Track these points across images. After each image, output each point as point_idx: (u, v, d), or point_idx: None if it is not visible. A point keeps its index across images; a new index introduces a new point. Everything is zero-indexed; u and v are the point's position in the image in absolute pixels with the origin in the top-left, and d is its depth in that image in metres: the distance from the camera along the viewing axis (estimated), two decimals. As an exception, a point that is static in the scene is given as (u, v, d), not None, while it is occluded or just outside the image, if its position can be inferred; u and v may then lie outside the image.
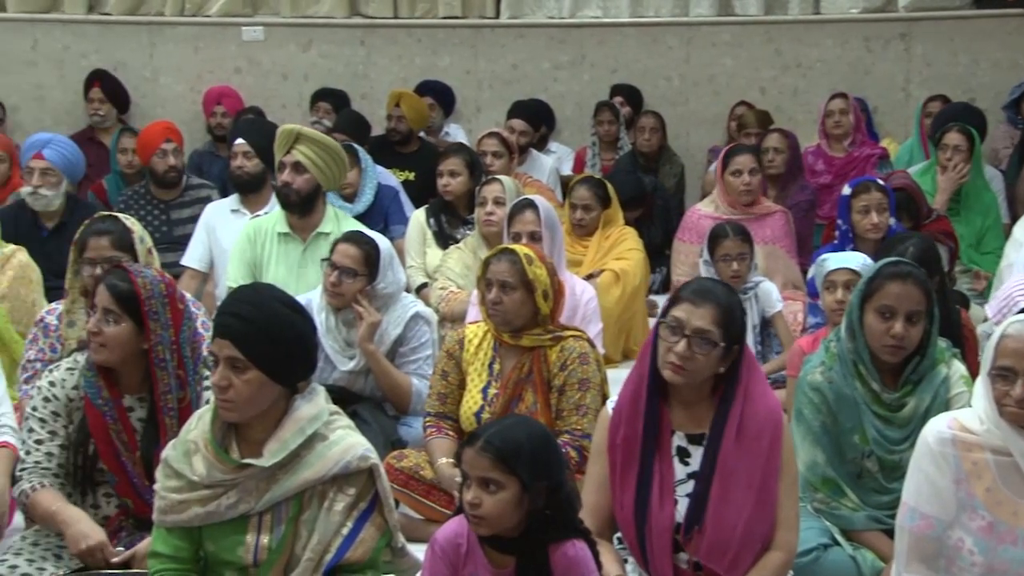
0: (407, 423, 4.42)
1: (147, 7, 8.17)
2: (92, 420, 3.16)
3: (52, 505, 3.13)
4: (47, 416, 3.21)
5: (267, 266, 5.14)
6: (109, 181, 6.93)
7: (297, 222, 5.15)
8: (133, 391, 3.22)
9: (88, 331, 3.16)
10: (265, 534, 2.73)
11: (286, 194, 5.11)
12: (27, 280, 4.76)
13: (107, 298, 3.14)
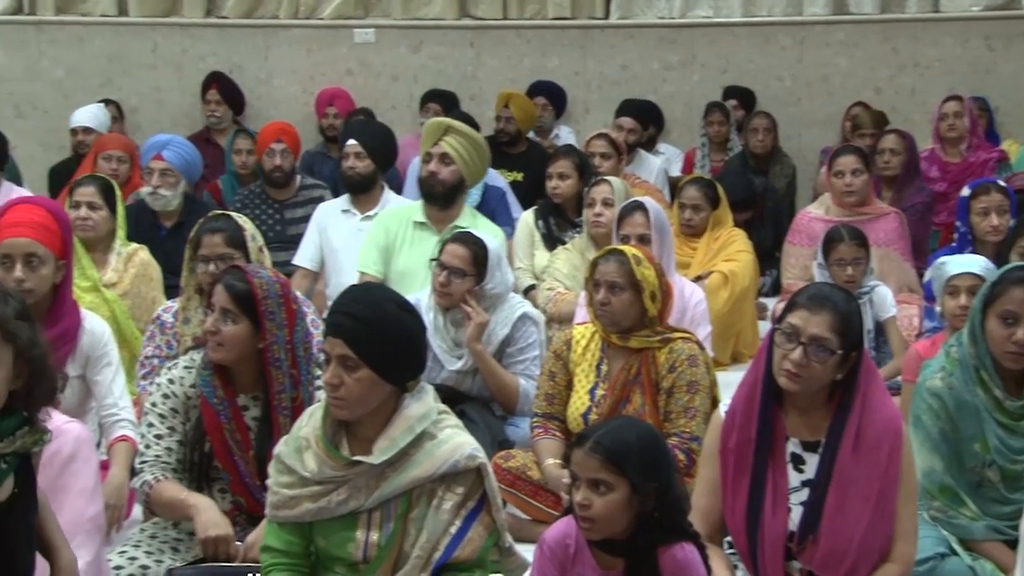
0: (514, 423, 4.43)
1: (262, 10, 8.32)
2: (207, 419, 3.22)
3: (180, 493, 3.19)
4: (166, 412, 3.27)
5: (399, 252, 5.22)
6: (224, 181, 7.07)
7: (436, 214, 5.24)
8: (247, 390, 3.26)
9: (206, 330, 3.21)
10: (374, 531, 2.75)
11: (431, 184, 5.19)
12: (148, 278, 4.87)
13: (225, 298, 3.19)
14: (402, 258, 5.20)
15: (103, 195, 4.88)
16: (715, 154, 7.77)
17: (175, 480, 3.23)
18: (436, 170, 5.20)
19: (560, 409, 3.96)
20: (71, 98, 7.80)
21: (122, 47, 8.12)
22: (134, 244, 4.99)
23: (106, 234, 4.88)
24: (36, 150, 7.88)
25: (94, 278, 4.73)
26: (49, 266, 3.76)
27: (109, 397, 3.85)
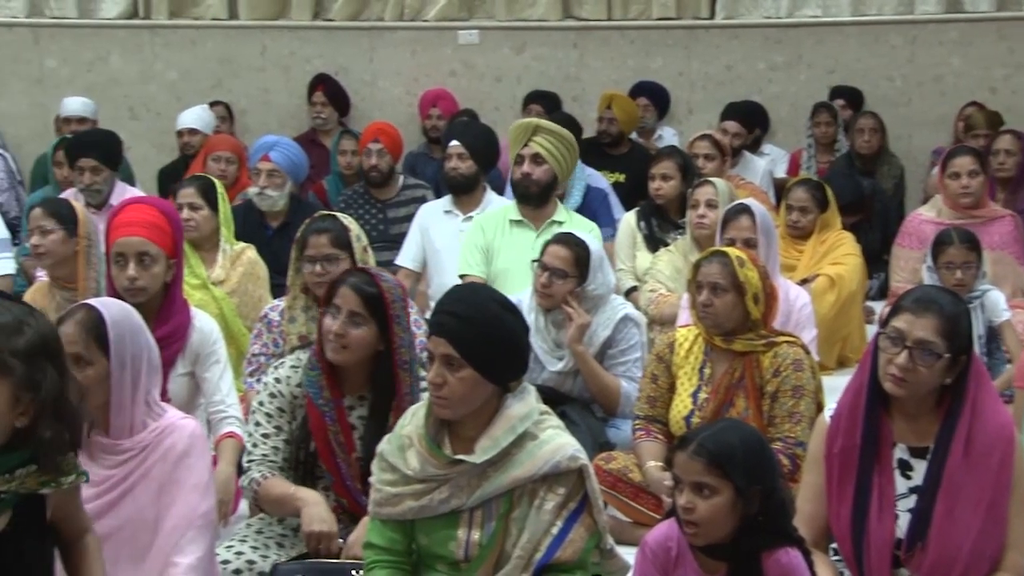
0: (615, 425, 4.41)
1: (368, 13, 8.40)
2: (313, 419, 3.24)
3: (288, 487, 3.22)
4: (273, 411, 3.31)
5: (498, 252, 5.25)
6: (329, 182, 7.16)
7: (531, 213, 5.27)
8: (355, 391, 3.28)
9: (332, 332, 3.16)
10: (476, 530, 2.75)
11: (526, 186, 5.22)
12: (255, 276, 4.95)
13: (354, 300, 3.17)
14: (501, 258, 5.23)
15: (203, 195, 4.96)
16: (822, 155, 7.65)
17: (282, 477, 3.27)
18: (529, 171, 5.24)
19: (662, 412, 3.94)
20: (183, 100, 7.96)
21: (232, 50, 8.26)
22: (241, 243, 5.07)
23: (210, 232, 4.97)
24: (149, 151, 8.06)
25: (202, 276, 4.83)
26: (160, 265, 3.83)
27: (217, 394, 3.91)
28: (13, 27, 8.07)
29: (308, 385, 3.26)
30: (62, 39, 8.12)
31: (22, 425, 2.16)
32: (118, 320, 2.90)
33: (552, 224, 5.26)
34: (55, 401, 2.15)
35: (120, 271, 3.81)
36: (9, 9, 8.11)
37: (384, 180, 6.40)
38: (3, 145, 7.65)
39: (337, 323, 3.17)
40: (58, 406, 2.16)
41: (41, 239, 4.34)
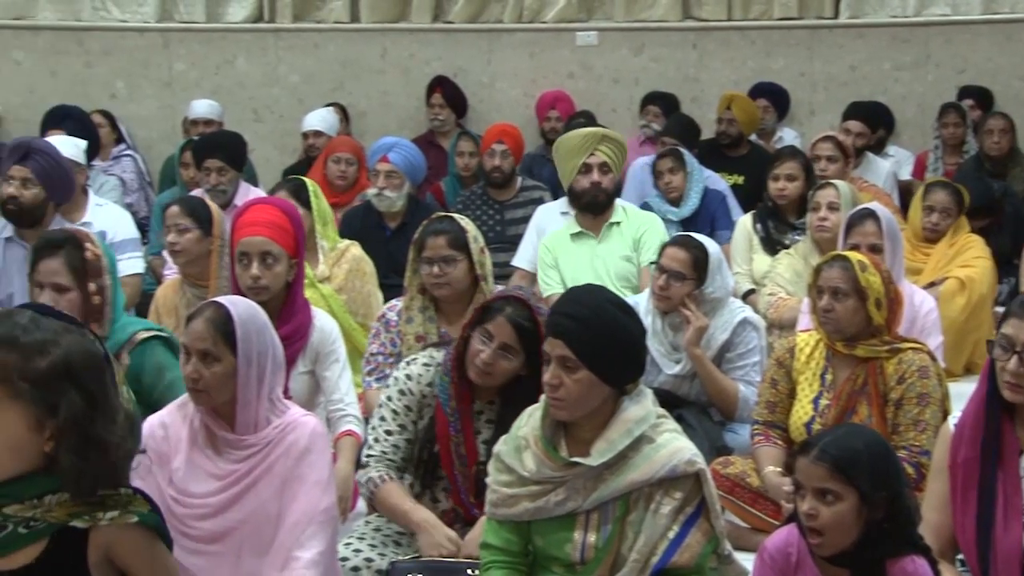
0: (733, 429, 4.35)
1: (487, 15, 8.44)
2: (439, 426, 3.27)
3: (403, 504, 3.23)
4: (400, 408, 3.34)
5: (565, 269, 5.27)
6: (447, 183, 7.21)
7: (590, 222, 5.30)
8: (486, 397, 3.30)
9: (481, 360, 3.17)
10: (592, 532, 2.75)
11: (595, 195, 5.23)
12: (361, 272, 5.00)
13: (510, 333, 3.16)
14: (568, 273, 5.23)
15: (295, 196, 5.01)
16: (949, 157, 7.45)
17: (399, 483, 3.29)
18: (599, 180, 5.27)
19: (782, 417, 3.88)
20: (305, 102, 8.09)
21: (353, 53, 8.37)
22: (346, 241, 5.12)
23: (307, 232, 5.03)
24: (272, 153, 8.21)
25: (309, 275, 4.90)
26: (283, 264, 3.90)
27: (336, 393, 3.96)
28: (144, 32, 8.29)
29: (440, 390, 3.28)
30: (190, 43, 8.32)
31: (49, 450, 2.00)
32: (245, 318, 2.96)
33: (611, 226, 5.30)
34: (78, 427, 1.96)
35: (244, 270, 3.88)
36: (140, 14, 8.33)
37: (505, 181, 6.45)
38: (133, 147, 7.86)
39: (488, 352, 3.17)
40: (82, 432, 1.96)
41: (178, 237, 4.44)
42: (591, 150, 5.27)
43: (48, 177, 4.84)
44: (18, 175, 4.80)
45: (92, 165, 6.35)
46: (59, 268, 3.49)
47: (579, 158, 5.29)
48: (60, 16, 8.24)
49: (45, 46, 8.18)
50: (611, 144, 5.38)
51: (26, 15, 8.24)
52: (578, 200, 5.37)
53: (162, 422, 3.04)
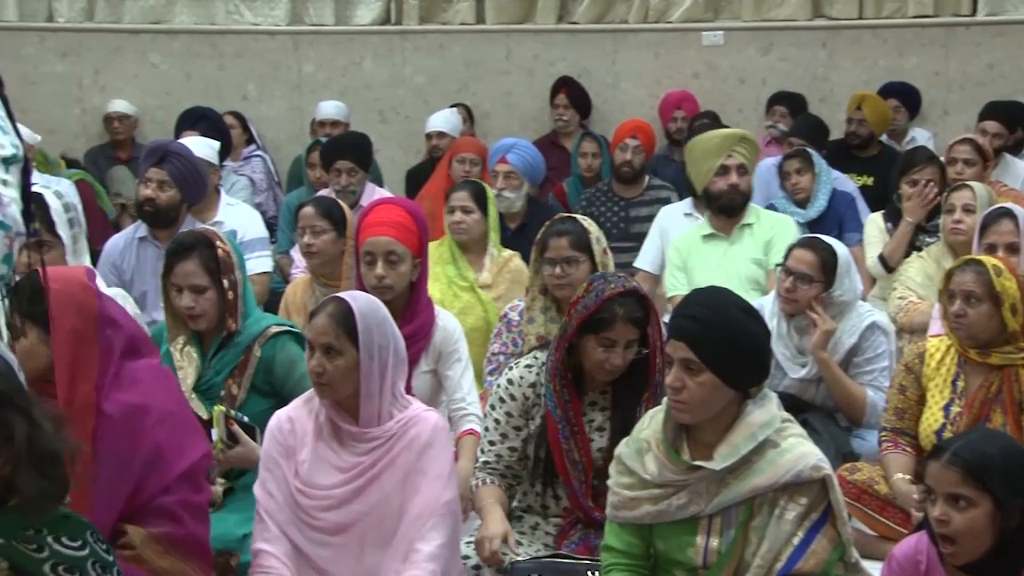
0: (860, 435, 4.26)
1: (612, 15, 8.41)
2: (550, 432, 3.27)
3: (481, 503, 3.29)
4: (501, 417, 3.36)
5: (695, 270, 5.20)
6: (569, 184, 7.20)
7: (723, 223, 5.22)
8: (597, 388, 3.31)
9: (610, 363, 3.19)
10: (715, 537, 2.72)
11: (731, 197, 5.15)
12: (520, 284, 5.00)
13: (632, 331, 3.19)
14: (698, 274, 5.14)
15: (475, 199, 5.06)
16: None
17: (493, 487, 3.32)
18: (737, 182, 5.17)
19: (911, 424, 3.79)
20: (430, 103, 8.16)
21: (478, 54, 8.41)
22: (507, 251, 5.15)
23: (479, 236, 5.07)
24: (396, 153, 8.30)
25: (471, 279, 4.94)
26: (407, 264, 3.94)
27: (458, 392, 3.99)
28: (275, 35, 8.46)
29: (547, 396, 3.27)
30: (319, 45, 8.46)
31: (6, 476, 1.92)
32: (366, 312, 3.01)
33: (743, 228, 5.21)
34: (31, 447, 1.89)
35: (368, 269, 3.93)
36: (272, 18, 8.51)
37: (635, 177, 6.46)
38: (263, 147, 8.02)
39: (617, 356, 3.19)
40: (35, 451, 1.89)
41: (313, 239, 4.53)
42: (729, 151, 5.21)
43: (183, 179, 4.97)
44: (155, 177, 4.94)
45: (224, 165, 6.49)
46: (195, 269, 3.61)
47: (716, 159, 5.23)
48: (195, 20, 8.46)
49: (181, 49, 8.40)
50: (748, 145, 5.30)
51: (163, 19, 8.47)
52: (714, 202, 5.30)
53: (289, 416, 3.11)
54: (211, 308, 3.63)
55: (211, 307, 3.63)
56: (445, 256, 5.01)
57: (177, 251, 3.68)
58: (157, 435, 2.92)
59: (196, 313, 3.62)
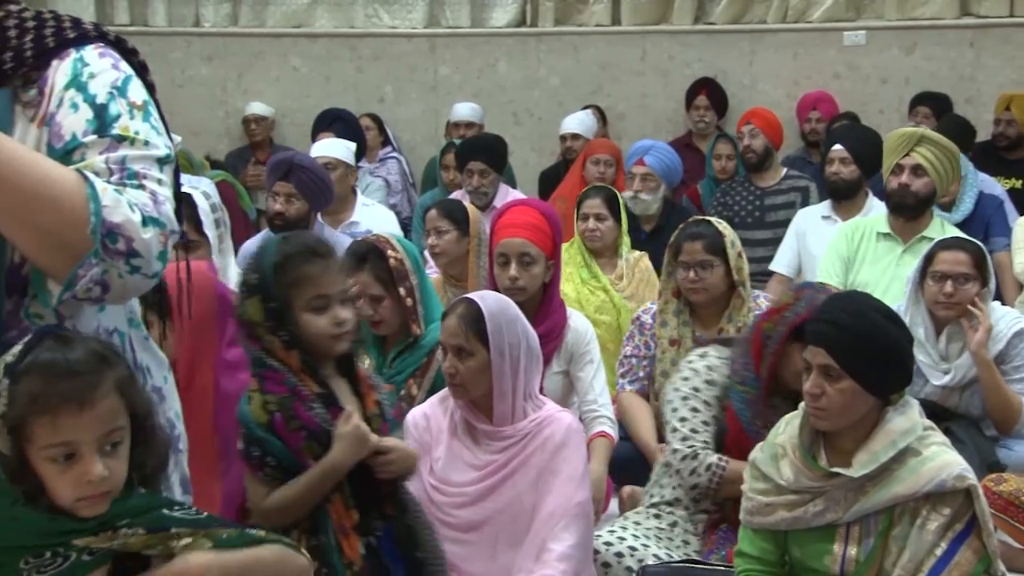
0: (1007, 445, 4.11)
1: (750, 15, 8.31)
2: (731, 434, 3.27)
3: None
4: (711, 399, 3.35)
5: (860, 264, 5.04)
6: (703, 186, 7.12)
7: (902, 226, 5.02)
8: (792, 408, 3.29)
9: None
10: (853, 546, 2.66)
11: (902, 196, 4.98)
12: (651, 284, 4.98)
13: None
14: (863, 271, 4.98)
15: (607, 205, 5.06)
16: None
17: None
18: (908, 182, 4.95)
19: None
20: (564, 105, 8.16)
21: (613, 55, 8.39)
22: (636, 252, 5.14)
23: (612, 241, 5.07)
24: (530, 155, 8.32)
25: (604, 281, 4.94)
26: (540, 265, 3.94)
27: (590, 393, 3.97)
28: (412, 37, 8.56)
29: (735, 400, 3.27)
30: (455, 47, 8.53)
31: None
32: (495, 312, 3.02)
33: (922, 240, 4.95)
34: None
35: (502, 271, 3.94)
36: (409, 21, 8.61)
37: (760, 163, 6.36)
38: (398, 149, 8.13)
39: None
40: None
41: (437, 239, 4.59)
42: (906, 150, 5.06)
43: (310, 190, 5.04)
44: (283, 191, 5.02)
45: (359, 166, 6.59)
46: (368, 280, 3.66)
47: (893, 157, 5.09)
48: (335, 24, 8.61)
49: (320, 52, 8.56)
50: (932, 147, 5.06)
51: (305, 23, 8.64)
52: (888, 200, 5.17)
53: (424, 413, 3.14)
54: (390, 315, 3.68)
55: (390, 314, 3.68)
56: (577, 259, 5.01)
57: (349, 262, 3.71)
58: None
59: (376, 320, 3.69)
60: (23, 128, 1.79)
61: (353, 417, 2.49)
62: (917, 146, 4.96)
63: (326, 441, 2.47)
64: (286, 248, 2.55)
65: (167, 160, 1.81)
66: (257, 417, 2.47)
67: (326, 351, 2.53)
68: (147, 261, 1.72)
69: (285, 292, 2.49)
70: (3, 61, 1.79)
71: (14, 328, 1.78)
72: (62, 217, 1.67)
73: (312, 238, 2.62)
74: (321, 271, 2.52)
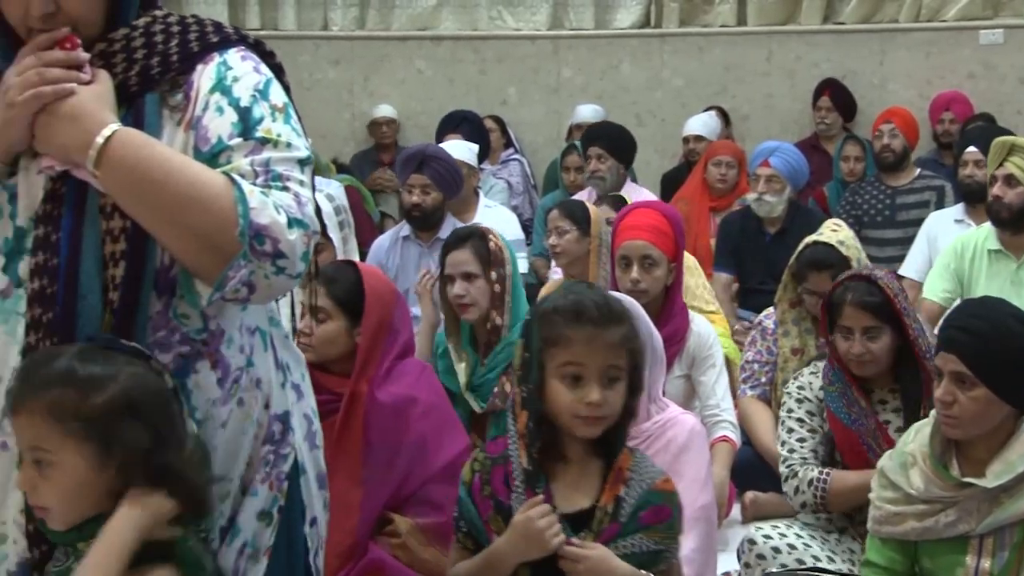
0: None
1: (881, 15, 8.13)
2: (837, 435, 3.22)
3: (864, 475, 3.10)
4: (803, 416, 3.31)
5: (975, 283, 4.87)
6: (830, 188, 7.01)
7: (1010, 240, 4.83)
8: (884, 385, 3.25)
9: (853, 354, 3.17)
10: (986, 558, 2.58)
11: (997, 210, 4.81)
12: (688, 267, 4.89)
13: (867, 317, 3.16)
14: (979, 289, 4.77)
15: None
16: None
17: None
18: (1001, 194, 4.73)
19: None
20: (687, 107, 8.10)
21: (738, 56, 8.30)
22: None
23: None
24: (652, 156, 8.27)
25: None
26: (662, 268, 3.91)
27: (712, 398, 3.94)
28: (536, 39, 8.58)
29: (828, 400, 3.23)
30: (578, 49, 8.52)
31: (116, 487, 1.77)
32: None
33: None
34: (145, 459, 1.75)
35: (623, 273, 3.93)
36: (533, 23, 8.63)
37: (898, 162, 6.27)
38: (520, 151, 8.15)
39: (856, 343, 3.16)
40: (150, 464, 1.76)
41: (558, 239, 4.63)
42: (999, 160, 4.88)
43: (443, 180, 5.12)
44: (417, 183, 5.10)
45: (482, 168, 6.63)
46: (468, 258, 3.72)
47: (991, 168, 4.93)
48: (459, 26, 8.67)
49: (445, 55, 8.63)
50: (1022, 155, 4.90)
51: (430, 26, 8.72)
52: (988, 213, 4.98)
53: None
54: (481, 297, 3.70)
55: (481, 296, 3.70)
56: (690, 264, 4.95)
57: (453, 242, 3.81)
58: (422, 426, 3.03)
59: (466, 302, 3.70)
60: (171, 132, 1.83)
61: (535, 508, 2.18)
62: (1010, 155, 4.77)
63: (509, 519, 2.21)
64: (559, 300, 2.26)
65: (307, 161, 1.84)
66: (464, 475, 2.30)
67: (569, 429, 2.22)
68: (292, 262, 1.74)
69: (541, 347, 2.23)
70: (150, 66, 1.83)
71: (163, 328, 1.82)
72: (211, 219, 1.70)
73: (593, 297, 2.27)
74: (584, 337, 2.20)
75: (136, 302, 1.78)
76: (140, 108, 1.81)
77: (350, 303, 3.10)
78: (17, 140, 1.78)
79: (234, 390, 1.87)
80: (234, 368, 1.87)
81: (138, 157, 1.72)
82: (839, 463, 3.25)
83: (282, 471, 1.95)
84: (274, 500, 1.93)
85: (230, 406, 1.87)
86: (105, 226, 1.78)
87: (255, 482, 1.91)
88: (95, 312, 1.77)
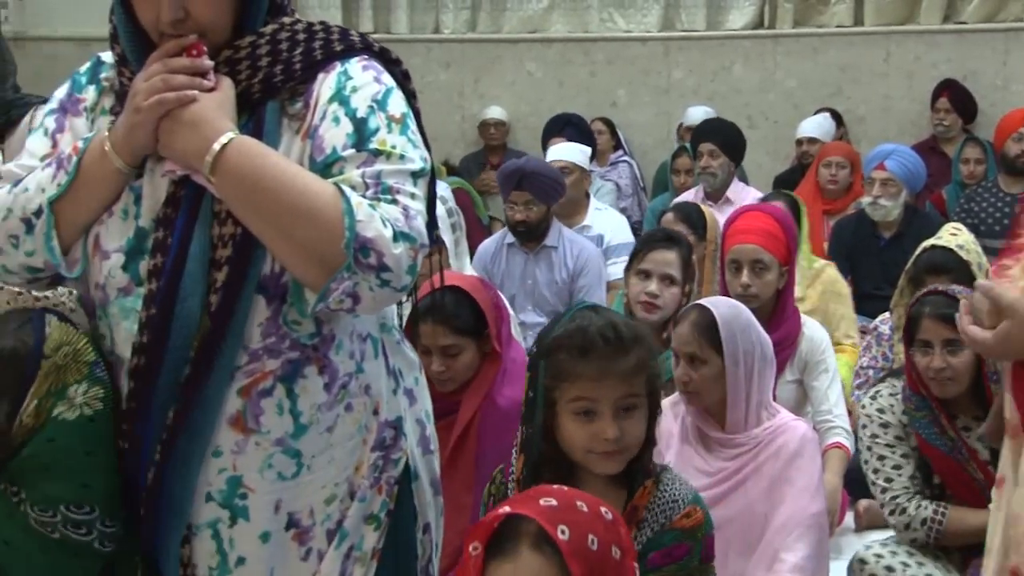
0: None
1: (1005, 14, 7.92)
2: (934, 462, 3.15)
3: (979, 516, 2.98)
4: (892, 441, 3.24)
5: None
6: (948, 191, 6.85)
7: None
8: (967, 412, 3.15)
9: (933, 369, 3.09)
10: None
11: None
12: (836, 294, 4.80)
13: (944, 330, 3.06)
14: None
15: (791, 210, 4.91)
16: None
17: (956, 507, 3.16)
18: None
19: None
20: (800, 108, 7.99)
21: (854, 56, 8.16)
22: (822, 261, 4.98)
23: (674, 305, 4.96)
24: (764, 159, 8.18)
25: None
26: (773, 272, 3.86)
27: (825, 404, 3.87)
28: (646, 41, 8.54)
29: (915, 426, 3.16)
30: (689, 50, 8.47)
31: None
32: (729, 318, 2.97)
33: None
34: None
35: (733, 277, 3.88)
36: (644, 24, 8.60)
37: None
38: (630, 153, 8.12)
39: (936, 357, 3.08)
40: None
41: None
42: None
43: (545, 193, 5.09)
44: (519, 200, 5.09)
45: (591, 171, 6.62)
46: (674, 260, 3.80)
47: None
48: (570, 28, 8.67)
49: (555, 57, 8.64)
50: None
51: (540, 28, 8.74)
52: None
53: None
54: (670, 304, 3.76)
55: (670, 303, 3.76)
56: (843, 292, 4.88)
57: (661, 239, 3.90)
58: None
59: (656, 303, 3.77)
60: (288, 140, 1.85)
61: None
62: None
63: None
64: (562, 332, 2.15)
65: (421, 173, 1.83)
66: (484, 496, 2.30)
67: (585, 465, 2.15)
68: (397, 275, 1.74)
69: (548, 384, 2.14)
70: (273, 74, 1.85)
71: (273, 335, 1.84)
72: (318, 230, 1.72)
73: (599, 325, 2.15)
74: (592, 372, 2.10)
75: (233, 308, 1.80)
76: (261, 116, 1.84)
77: (473, 327, 3.06)
78: (143, 144, 1.82)
79: (341, 395, 1.88)
80: (342, 373, 1.89)
81: (252, 166, 1.75)
82: (936, 486, 3.17)
83: (392, 475, 1.95)
84: (383, 504, 1.94)
85: (337, 411, 1.88)
86: (217, 231, 1.81)
87: (363, 487, 1.93)
88: (193, 315, 1.79)
